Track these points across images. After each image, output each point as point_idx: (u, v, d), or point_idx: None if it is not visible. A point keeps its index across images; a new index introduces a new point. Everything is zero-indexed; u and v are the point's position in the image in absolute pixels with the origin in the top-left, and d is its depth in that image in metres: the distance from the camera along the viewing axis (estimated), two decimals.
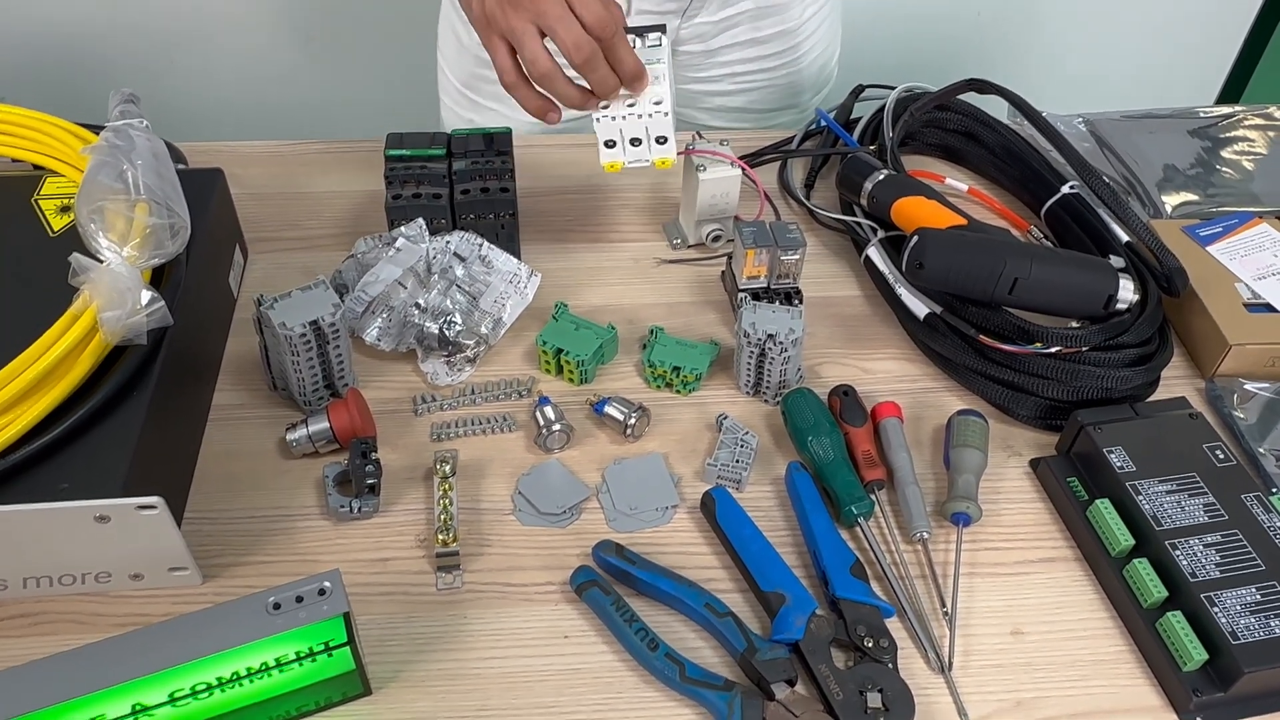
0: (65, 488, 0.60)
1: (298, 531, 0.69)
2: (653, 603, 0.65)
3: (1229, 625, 0.61)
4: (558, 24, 0.72)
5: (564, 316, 0.81)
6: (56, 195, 0.77)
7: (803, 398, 0.75)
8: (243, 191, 0.89)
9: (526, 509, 0.70)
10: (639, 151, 0.79)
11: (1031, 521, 0.71)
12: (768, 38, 1.07)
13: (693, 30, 1.04)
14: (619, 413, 0.75)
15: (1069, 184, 0.89)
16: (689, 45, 1.06)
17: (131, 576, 0.64)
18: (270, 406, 0.76)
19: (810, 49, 1.11)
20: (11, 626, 0.63)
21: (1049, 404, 0.76)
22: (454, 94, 1.12)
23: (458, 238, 0.82)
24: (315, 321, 0.70)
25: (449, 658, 0.63)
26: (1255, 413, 0.77)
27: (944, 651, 0.63)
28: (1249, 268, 0.84)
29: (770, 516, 0.71)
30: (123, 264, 0.65)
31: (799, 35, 1.08)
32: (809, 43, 1.10)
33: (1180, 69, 1.85)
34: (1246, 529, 0.65)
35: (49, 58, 1.61)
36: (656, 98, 0.79)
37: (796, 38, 1.08)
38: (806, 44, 1.10)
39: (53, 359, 0.62)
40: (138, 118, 0.75)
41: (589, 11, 0.72)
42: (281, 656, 0.55)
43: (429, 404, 0.77)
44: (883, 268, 0.85)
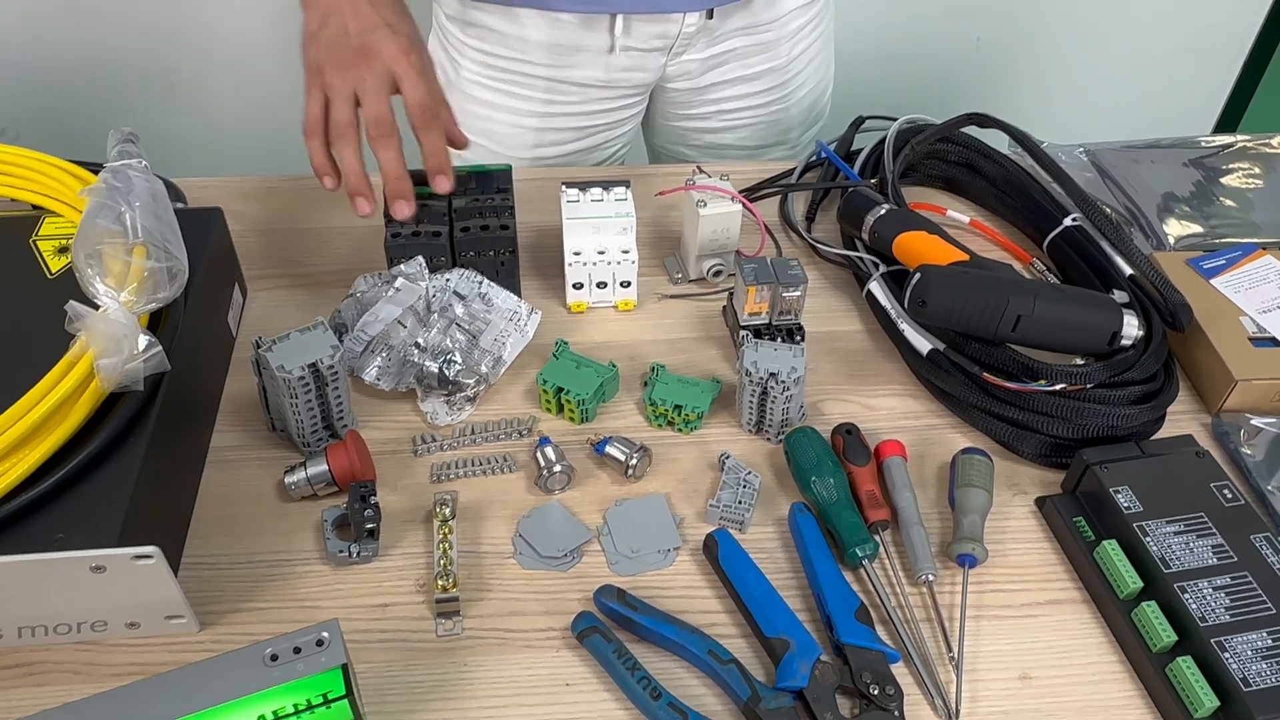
0: (60, 538, 0.60)
1: (296, 576, 0.68)
2: (655, 649, 0.65)
3: (1240, 671, 0.60)
4: (370, 95, 0.74)
5: (564, 354, 0.80)
6: (55, 236, 0.77)
7: (805, 437, 0.74)
8: (242, 227, 0.89)
9: (527, 552, 0.70)
10: (604, 294, 0.87)
11: (1038, 562, 0.71)
12: (756, 75, 1.06)
13: (680, 68, 1.04)
14: (620, 453, 0.74)
15: (1071, 216, 0.89)
16: (676, 83, 1.06)
17: (128, 625, 0.63)
18: (269, 447, 0.76)
19: (800, 86, 1.10)
20: (7, 676, 0.62)
21: (1054, 442, 0.75)
22: None
23: (457, 275, 0.82)
24: (314, 364, 0.70)
25: (449, 707, 0.62)
26: (1263, 449, 0.77)
27: (951, 698, 0.62)
28: (1253, 301, 0.84)
29: (774, 558, 0.70)
30: (120, 310, 0.64)
31: (788, 72, 1.08)
32: (798, 80, 1.10)
33: (1178, 97, 1.85)
34: (1256, 571, 0.65)
35: (48, 92, 1.62)
36: (625, 247, 0.85)
37: (785, 74, 1.08)
38: (795, 81, 1.09)
39: (48, 406, 0.61)
40: (136, 158, 0.75)
41: (414, 94, 0.75)
42: (279, 710, 0.54)
43: (429, 444, 0.76)
44: (885, 303, 0.84)
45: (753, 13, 1.01)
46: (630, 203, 0.85)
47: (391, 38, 0.75)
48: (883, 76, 1.70)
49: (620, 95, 1.05)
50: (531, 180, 0.98)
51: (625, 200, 0.86)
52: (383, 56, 0.75)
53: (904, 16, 1.70)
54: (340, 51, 0.75)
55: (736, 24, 1.01)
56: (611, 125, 1.09)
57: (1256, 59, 1.81)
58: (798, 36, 1.06)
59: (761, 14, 1.01)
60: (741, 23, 1.01)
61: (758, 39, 1.03)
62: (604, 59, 1.00)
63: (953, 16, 1.71)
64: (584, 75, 1.01)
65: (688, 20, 0.98)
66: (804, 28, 1.06)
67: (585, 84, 1.02)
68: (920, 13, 1.71)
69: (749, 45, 1.03)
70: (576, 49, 0.99)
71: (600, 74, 1.01)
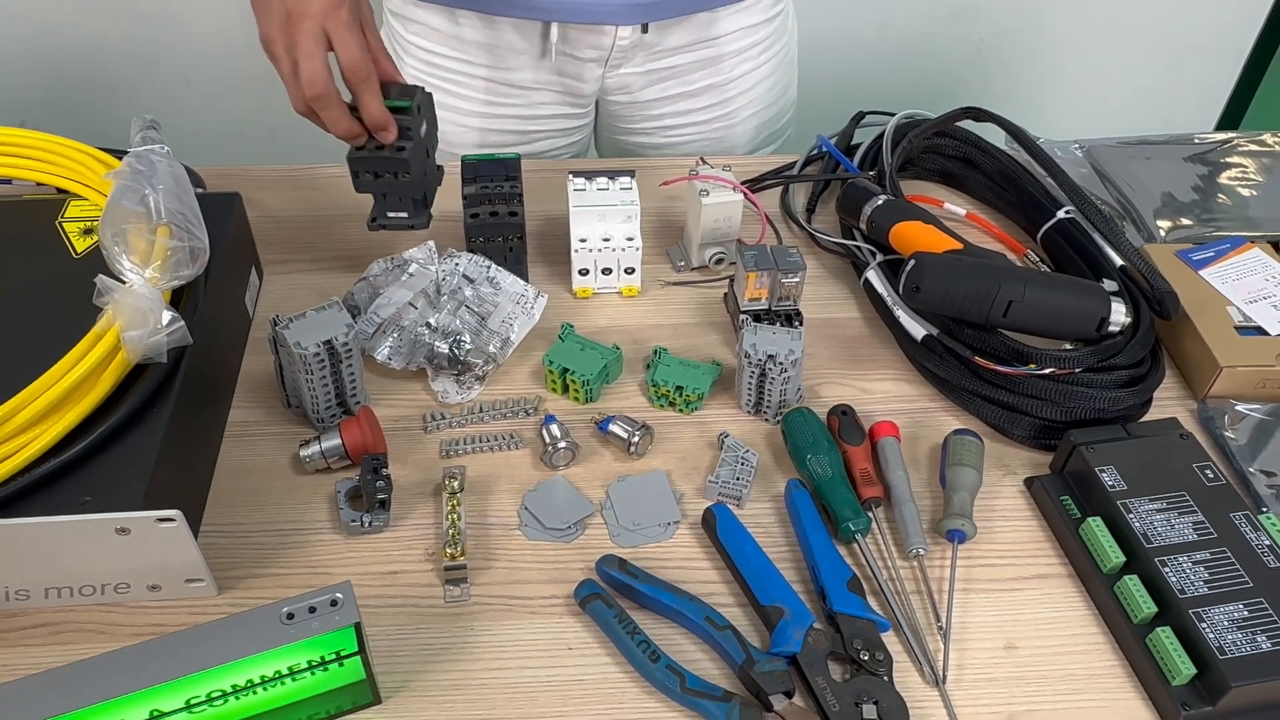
0: (88, 501, 0.63)
1: (310, 545, 0.71)
2: (654, 616, 0.67)
3: (1217, 641, 0.62)
4: (302, 58, 0.75)
5: (570, 337, 0.83)
6: (80, 218, 0.80)
7: (802, 417, 0.77)
8: (258, 214, 0.92)
9: (532, 524, 0.72)
10: (609, 280, 0.90)
11: (1025, 539, 0.73)
12: (696, 91, 1.07)
13: (618, 80, 1.04)
14: (623, 431, 0.76)
15: (1064, 209, 0.91)
16: (615, 95, 1.06)
17: (149, 587, 0.66)
18: (284, 423, 0.78)
19: (745, 105, 1.10)
20: (33, 635, 0.65)
21: (1043, 424, 0.78)
22: None
23: (467, 259, 0.85)
24: (329, 341, 0.73)
25: (456, 668, 0.64)
26: (1246, 433, 0.79)
27: (938, 665, 0.65)
28: (1240, 291, 0.86)
29: (770, 532, 0.72)
30: (145, 285, 0.67)
31: (730, 90, 1.07)
32: (743, 99, 1.09)
33: (1180, 96, 1.87)
34: (1235, 547, 0.67)
35: (72, 82, 1.65)
36: (629, 234, 0.87)
37: (727, 92, 1.07)
38: (739, 100, 1.09)
39: (77, 377, 0.64)
40: (159, 143, 0.78)
41: (346, 52, 0.75)
42: (294, 665, 0.57)
43: (438, 422, 0.79)
44: (881, 290, 0.87)
45: (693, 29, 1.01)
46: (635, 191, 0.88)
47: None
48: (887, 75, 1.72)
49: (562, 102, 1.06)
50: (539, 169, 1.01)
51: (630, 189, 0.88)
52: (310, 15, 0.75)
53: (908, 16, 1.72)
54: (276, 20, 0.76)
55: (676, 41, 1.01)
56: (557, 133, 1.09)
57: (1257, 61, 1.83)
58: (743, 56, 1.06)
59: (702, 31, 1.01)
60: (681, 39, 1.01)
61: (698, 55, 1.03)
62: (540, 63, 1.01)
63: (956, 17, 1.73)
64: (522, 78, 1.02)
65: (621, 33, 0.98)
66: (751, 48, 1.06)
67: (525, 86, 1.03)
68: (924, 13, 1.73)
69: (690, 62, 1.04)
70: (514, 51, 1.00)
71: (537, 78, 1.02)
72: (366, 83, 0.76)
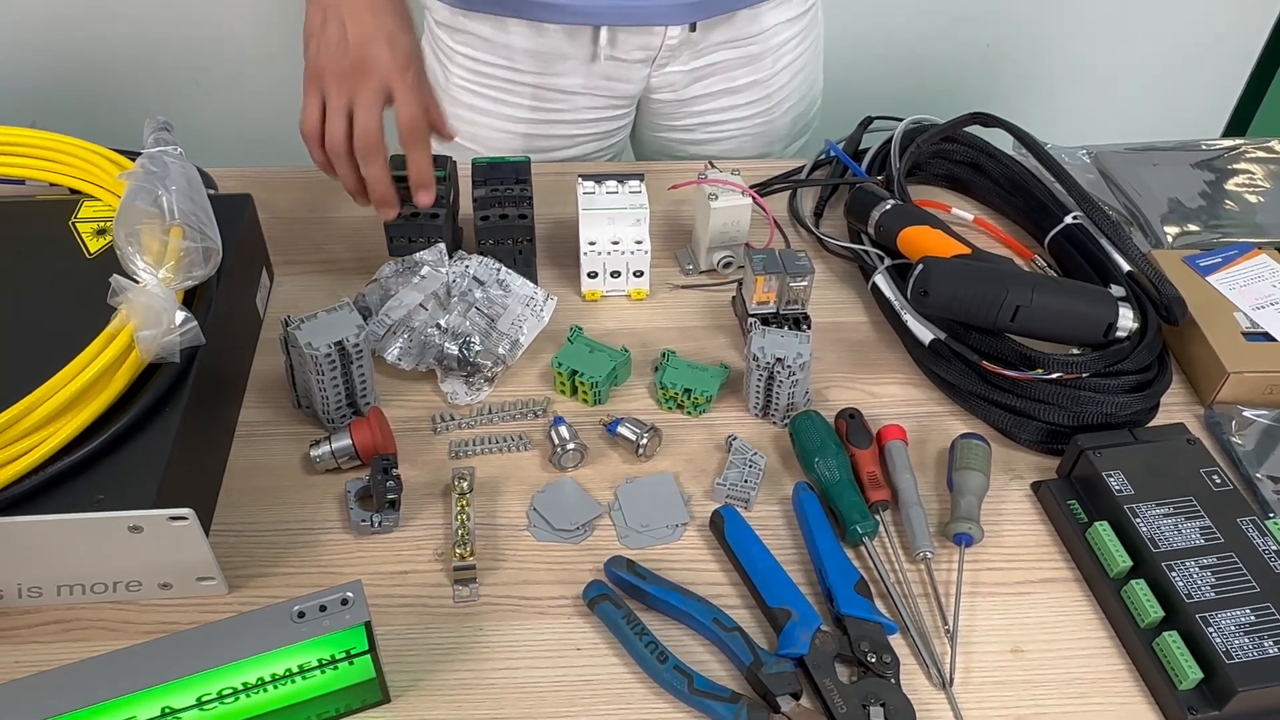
0: (101, 499, 0.63)
1: (320, 544, 0.71)
2: (662, 617, 0.67)
3: (1224, 645, 0.62)
4: (362, 110, 0.77)
5: (579, 339, 0.83)
6: (93, 218, 0.80)
7: (810, 420, 0.77)
8: (269, 216, 0.92)
9: (541, 525, 0.73)
10: (618, 283, 0.90)
11: (1032, 543, 0.73)
12: (740, 88, 1.08)
13: (663, 79, 1.05)
14: (631, 433, 0.77)
15: (1072, 214, 0.91)
16: (660, 94, 1.07)
17: (161, 585, 0.66)
18: (294, 424, 0.79)
19: (785, 99, 1.11)
20: (46, 632, 0.65)
21: (1050, 428, 0.78)
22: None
23: (477, 262, 0.85)
24: (340, 342, 0.73)
25: (465, 668, 0.65)
26: (1253, 439, 0.79)
27: (945, 668, 0.65)
28: (1248, 297, 0.86)
29: (777, 535, 0.73)
30: (158, 285, 0.68)
31: (772, 85, 1.09)
32: (783, 93, 1.11)
33: (1187, 103, 1.87)
34: (1241, 552, 0.67)
35: (83, 84, 1.66)
36: (638, 238, 0.88)
37: (770, 87, 1.09)
38: (780, 94, 1.10)
39: (90, 375, 0.64)
40: (172, 145, 0.78)
41: (405, 110, 0.77)
42: (305, 663, 0.58)
43: (448, 423, 0.79)
44: (889, 294, 0.87)
45: (737, 26, 1.02)
46: (644, 195, 0.88)
47: (389, 53, 0.77)
48: (894, 80, 1.73)
49: (606, 105, 1.07)
50: (549, 173, 1.01)
51: (639, 193, 0.88)
52: (379, 72, 0.77)
53: (916, 22, 1.73)
54: (339, 62, 0.77)
55: (721, 37, 1.03)
56: (599, 135, 1.10)
57: (1264, 67, 1.83)
58: (782, 50, 1.07)
59: (746, 27, 1.03)
60: (726, 36, 1.03)
61: (743, 52, 1.05)
62: (588, 68, 1.02)
63: (964, 23, 1.74)
64: (569, 83, 1.03)
65: (670, 33, 0.99)
66: (789, 41, 1.07)
67: (571, 91, 1.04)
68: (931, 19, 1.73)
69: (734, 58, 1.05)
70: (562, 57, 1.01)
71: (585, 82, 1.03)
72: (421, 141, 0.79)
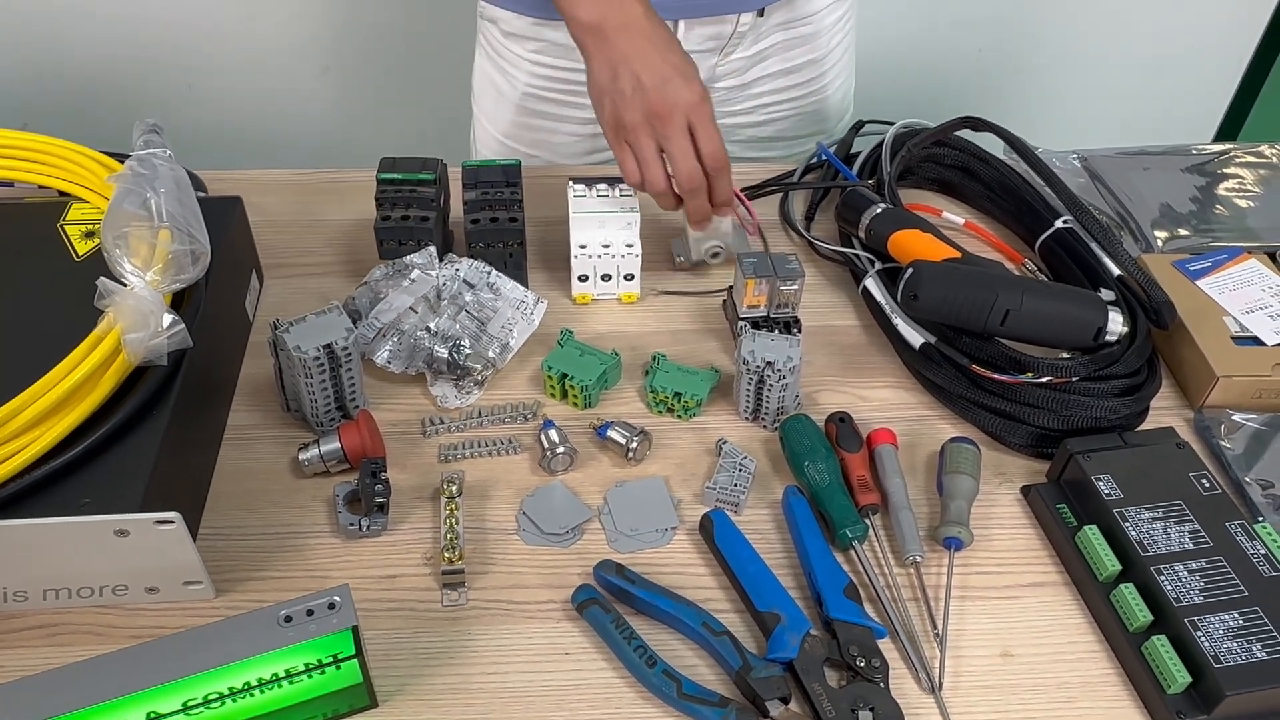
0: (87, 503, 0.63)
1: (308, 548, 0.71)
2: (651, 621, 0.67)
3: (1212, 649, 0.62)
4: (677, 152, 0.81)
5: (569, 343, 0.83)
6: (81, 221, 0.80)
7: (800, 424, 0.77)
8: (259, 218, 0.92)
9: (530, 529, 0.72)
10: (608, 286, 0.90)
11: (1022, 547, 0.73)
12: (797, 67, 1.10)
13: (729, 66, 1.06)
14: (621, 437, 0.77)
15: (1062, 219, 0.91)
16: (725, 81, 1.08)
17: (147, 589, 0.66)
18: (283, 427, 0.79)
19: (835, 76, 1.14)
20: (31, 637, 0.65)
21: (1040, 432, 0.78)
22: (493, 144, 1.13)
23: (467, 265, 0.85)
24: (329, 345, 0.73)
25: (453, 672, 0.65)
26: (1242, 443, 0.79)
27: (934, 672, 0.65)
28: (1237, 302, 0.86)
29: (767, 539, 0.73)
30: (146, 288, 0.67)
31: (826, 63, 1.12)
32: (834, 70, 1.13)
33: (1178, 108, 1.88)
34: (1230, 556, 0.67)
35: (74, 86, 1.65)
36: (629, 241, 0.88)
37: (823, 65, 1.12)
38: (832, 71, 1.13)
39: (77, 378, 0.64)
40: (161, 147, 0.78)
41: (709, 144, 0.80)
42: (291, 668, 0.57)
43: (437, 426, 0.79)
44: (880, 298, 0.87)
45: (795, 8, 1.05)
46: (634, 198, 0.88)
47: (686, 87, 0.80)
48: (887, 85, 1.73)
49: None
50: (539, 176, 1.01)
51: (630, 196, 0.88)
52: (681, 109, 0.79)
53: (909, 27, 1.73)
54: (639, 108, 0.80)
55: (778, 19, 1.05)
56: None
57: (1255, 73, 1.84)
58: (835, 29, 1.10)
59: (801, 8, 1.05)
60: (784, 17, 1.05)
61: (797, 32, 1.07)
62: None
63: (957, 28, 1.74)
64: None
65: (742, 20, 1.01)
66: (839, 20, 1.10)
67: None
68: (925, 24, 1.74)
69: (790, 39, 1.07)
70: None
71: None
72: (728, 169, 0.83)
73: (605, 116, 0.83)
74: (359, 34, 1.66)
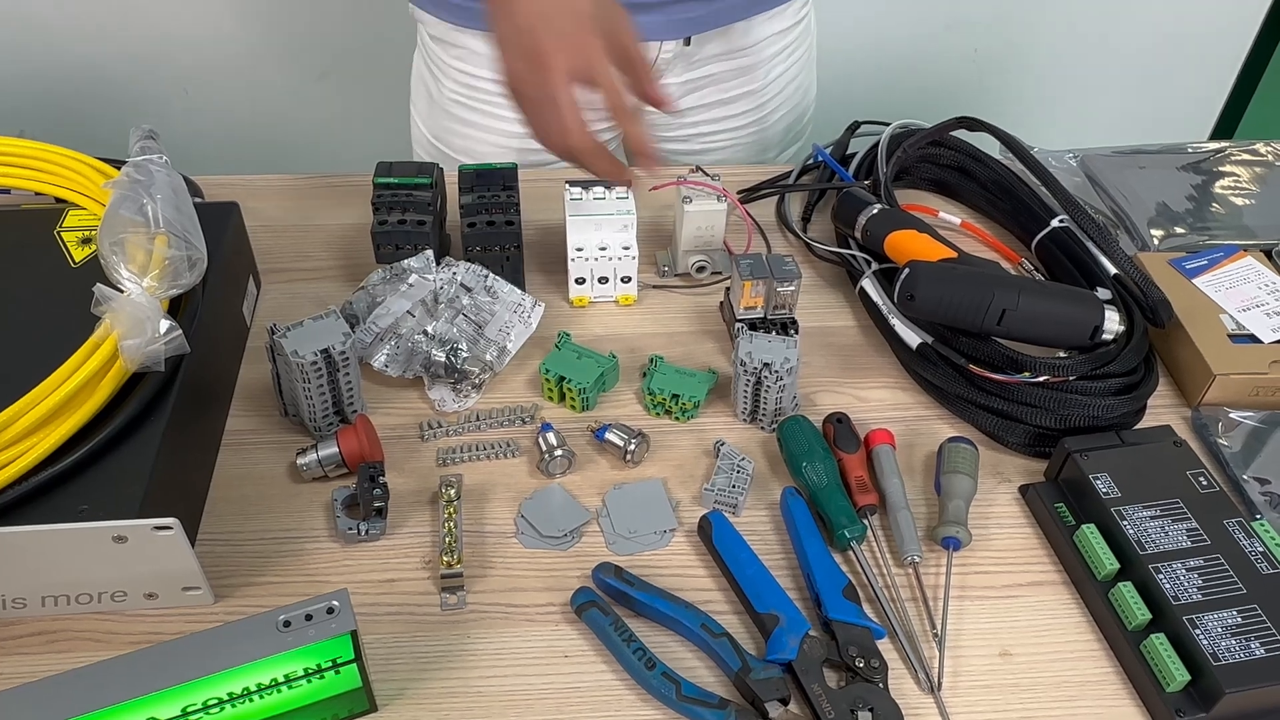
0: (85, 509, 0.63)
1: (307, 553, 0.71)
2: (650, 623, 0.67)
3: (1210, 647, 0.62)
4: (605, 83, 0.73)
5: (566, 345, 0.83)
6: (78, 227, 0.80)
7: (798, 425, 0.77)
8: (256, 224, 0.92)
9: (529, 532, 0.72)
10: (605, 289, 0.90)
11: (1020, 546, 0.73)
12: (733, 99, 1.08)
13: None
14: (619, 439, 0.77)
15: (1058, 218, 0.92)
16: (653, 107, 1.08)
17: (146, 595, 0.66)
18: (281, 432, 0.79)
19: (777, 108, 1.12)
20: (30, 643, 0.65)
21: (1037, 431, 0.78)
22: (426, 145, 1.13)
23: (464, 269, 0.85)
24: (326, 350, 0.73)
25: (453, 676, 0.65)
26: (1240, 440, 0.79)
27: (934, 672, 0.65)
28: (1234, 299, 0.86)
29: (765, 540, 0.73)
30: (143, 294, 0.67)
31: (765, 95, 1.10)
32: (775, 102, 1.11)
33: (1174, 108, 1.88)
34: (1228, 553, 0.67)
35: (70, 92, 1.66)
36: (625, 243, 0.88)
37: (762, 97, 1.10)
38: (773, 104, 1.11)
39: (74, 385, 0.64)
40: (157, 153, 0.78)
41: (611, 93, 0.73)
42: (290, 673, 0.57)
43: (435, 430, 0.79)
44: (876, 299, 0.87)
45: (730, 39, 1.02)
46: (631, 201, 0.88)
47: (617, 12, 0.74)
48: (882, 85, 1.74)
49: (600, 118, 1.06)
50: (536, 179, 1.01)
51: (626, 198, 0.89)
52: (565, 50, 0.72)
53: (904, 29, 1.74)
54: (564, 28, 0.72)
55: (714, 50, 1.03)
56: None
57: (1250, 71, 1.84)
58: (775, 60, 1.08)
59: (739, 40, 1.03)
60: (719, 49, 1.03)
61: (735, 64, 1.05)
62: None
63: (952, 29, 1.74)
64: None
65: (664, 47, 1.00)
66: (781, 52, 1.08)
67: None
68: (920, 26, 1.74)
69: (726, 70, 1.05)
70: None
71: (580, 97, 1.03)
72: (635, 115, 0.74)
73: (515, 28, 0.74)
74: (354, 40, 1.67)
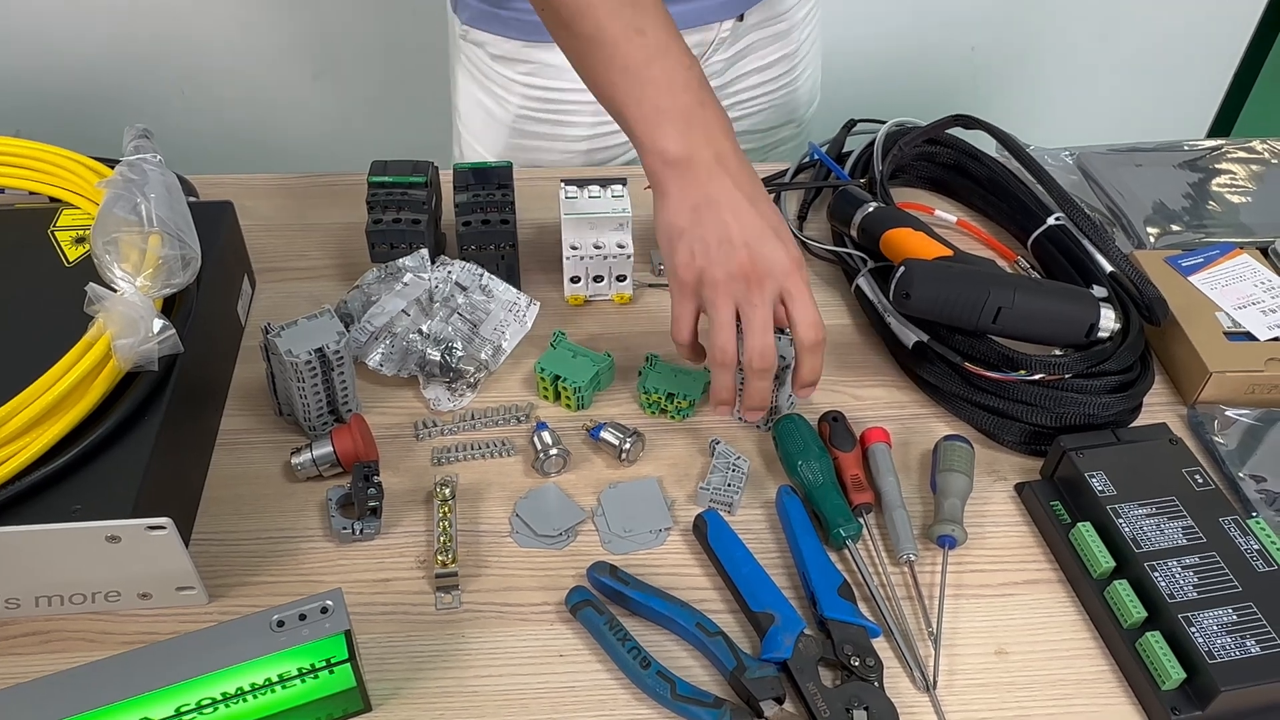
0: (78, 509, 0.63)
1: (301, 553, 0.71)
2: (645, 622, 0.67)
3: (1206, 645, 0.62)
4: (759, 323, 0.69)
5: (562, 344, 0.83)
6: (72, 227, 0.80)
7: (793, 423, 0.77)
8: (251, 223, 0.92)
9: (524, 531, 0.72)
10: (600, 287, 0.90)
11: (1016, 544, 0.73)
12: (770, 64, 1.11)
13: (708, 70, 1.06)
14: (614, 438, 0.77)
15: (1054, 216, 0.91)
16: None
17: (140, 595, 0.66)
18: (276, 431, 0.78)
19: (805, 67, 1.16)
20: (24, 644, 0.65)
21: (1033, 430, 0.78)
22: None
23: (459, 267, 0.85)
24: (320, 349, 0.73)
25: (447, 676, 0.64)
26: (1235, 438, 0.79)
27: (929, 671, 0.65)
28: (1229, 297, 0.86)
29: (761, 539, 0.73)
30: (136, 293, 0.67)
31: (797, 56, 1.14)
32: (804, 61, 1.15)
33: (1171, 106, 1.88)
34: (1224, 551, 0.67)
35: (66, 92, 1.65)
36: (621, 242, 0.87)
37: (795, 59, 1.13)
38: (803, 63, 1.15)
39: (68, 385, 0.64)
40: (151, 152, 0.78)
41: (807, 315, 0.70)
42: (284, 673, 0.57)
43: (430, 429, 0.79)
44: (872, 297, 0.87)
45: (769, 7, 1.06)
46: (627, 200, 0.88)
47: (783, 249, 0.70)
48: (878, 83, 1.73)
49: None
50: (531, 178, 1.01)
51: (622, 198, 0.88)
52: (776, 274, 0.69)
53: (901, 26, 1.74)
54: (725, 262, 0.69)
55: (755, 19, 1.06)
56: None
57: (1247, 68, 1.84)
58: (804, 23, 1.12)
59: (776, 6, 1.07)
60: (759, 17, 1.06)
61: (773, 30, 1.08)
62: None
63: (948, 27, 1.74)
64: None
65: (724, 26, 1.03)
66: (809, 14, 1.12)
67: None
68: (917, 23, 1.74)
69: (764, 37, 1.08)
70: None
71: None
72: (822, 344, 0.71)
73: (677, 262, 0.71)
74: (350, 39, 1.66)
